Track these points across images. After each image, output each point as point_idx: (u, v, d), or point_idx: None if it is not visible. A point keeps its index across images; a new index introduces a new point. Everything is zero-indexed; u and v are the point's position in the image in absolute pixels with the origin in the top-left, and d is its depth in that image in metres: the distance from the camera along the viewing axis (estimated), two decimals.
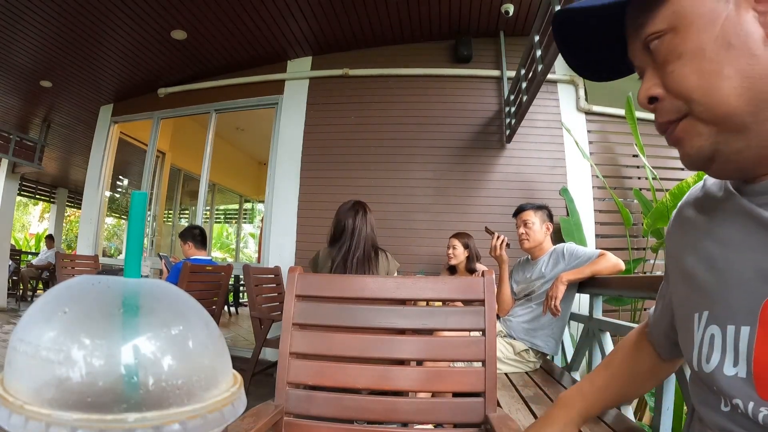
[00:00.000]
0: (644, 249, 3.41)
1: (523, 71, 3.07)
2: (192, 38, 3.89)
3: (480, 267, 2.80)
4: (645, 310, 3.04)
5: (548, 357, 2.27)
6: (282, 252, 3.86)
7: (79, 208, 8.22)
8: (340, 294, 1.08)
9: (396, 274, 2.04)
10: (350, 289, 1.07)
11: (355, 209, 1.95)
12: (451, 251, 2.82)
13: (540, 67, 2.60)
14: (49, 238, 7.77)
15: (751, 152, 0.45)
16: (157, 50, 4.06)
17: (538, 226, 2.21)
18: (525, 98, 3.01)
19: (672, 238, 0.62)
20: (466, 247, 2.81)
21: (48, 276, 7.14)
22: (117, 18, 3.55)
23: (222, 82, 4.41)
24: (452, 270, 2.91)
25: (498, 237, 2.26)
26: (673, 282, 0.60)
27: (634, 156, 3.60)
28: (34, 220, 15.87)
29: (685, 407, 1.24)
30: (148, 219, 4.84)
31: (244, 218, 10.21)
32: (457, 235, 2.85)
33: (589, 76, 0.60)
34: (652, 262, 3.34)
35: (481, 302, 1.02)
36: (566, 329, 2.38)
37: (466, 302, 1.05)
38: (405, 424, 1.16)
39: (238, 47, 4.05)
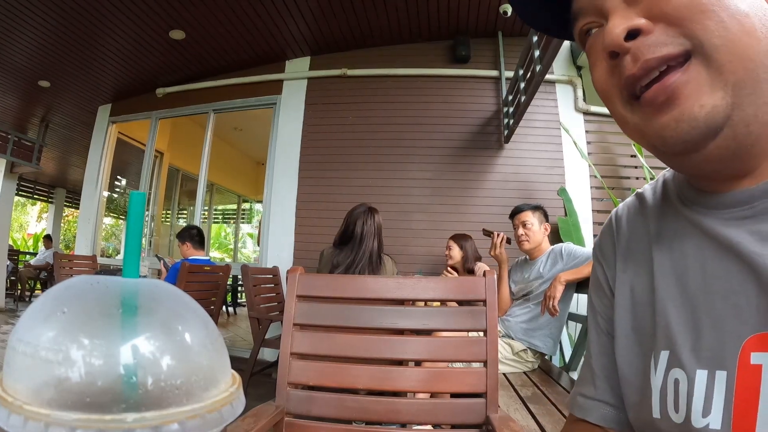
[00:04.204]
0: None
1: (521, 71, 3.07)
2: (190, 38, 3.88)
3: (481, 266, 2.81)
4: None
5: (546, 357, 2.27)
6: (280, 252, 3.85)
7: (77, 208, 8.19)
8: (342, 294, 1.08)
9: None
10: (351, 290, 1.07)
11: (365, 217, 1.92)
12: (448, 252, 2.86)
13: (538, 68, 2.60)
14: (47, 238, 7.75)
15: (755, 127, 0.32)
16: (156, 50, 4.05)
17: (537, 227, 2.21)
18: (523, 98, 3.02)
19: (617, 259, 0.49)
20: (461, 248, 2.84)
21: (46, 276, 7.12)
22: (115, 18, 3.55)
23: (220, 82, 4.40)
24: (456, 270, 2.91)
25: (498, 235, 2.27)
26: (608, 311, 0.50)
27: (632, 156, 3.61)
28: (32, 220, 15.84)
29: None
30: (147, 219, 4.83)
31: (243, 218, 10.20)
32: (453, 237, 2.89)
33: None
34: None
35: (483, 302, 1.02)
36: (564, 329, 2.38)
37: (467, 302, 1.05)
38: (404, 425, 1.16)
39: (237, 47, 4.04)
